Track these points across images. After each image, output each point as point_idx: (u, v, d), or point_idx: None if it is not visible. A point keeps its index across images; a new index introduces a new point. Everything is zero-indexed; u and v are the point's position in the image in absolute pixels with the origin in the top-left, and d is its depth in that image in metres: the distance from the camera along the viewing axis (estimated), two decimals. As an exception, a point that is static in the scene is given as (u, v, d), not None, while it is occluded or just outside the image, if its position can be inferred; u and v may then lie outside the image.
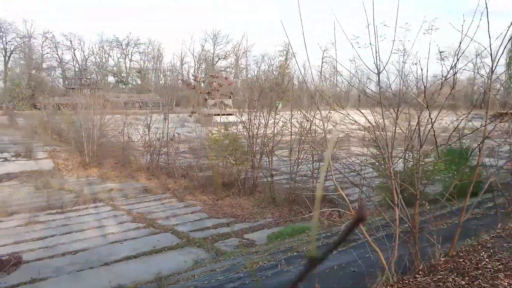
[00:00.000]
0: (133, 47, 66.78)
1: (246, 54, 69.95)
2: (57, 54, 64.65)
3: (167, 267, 9.85)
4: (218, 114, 26.78)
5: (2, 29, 55.27)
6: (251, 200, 16.37)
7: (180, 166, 21.31)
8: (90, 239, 11.88)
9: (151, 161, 22.54)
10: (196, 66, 65.94)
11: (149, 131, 22.92)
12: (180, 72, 70.88)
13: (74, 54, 67.17)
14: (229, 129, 19.88)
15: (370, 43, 4.77)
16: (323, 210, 15.32)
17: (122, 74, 66.17)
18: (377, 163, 13.52)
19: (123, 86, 66.59)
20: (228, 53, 66.89)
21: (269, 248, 9.89)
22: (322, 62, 67.20)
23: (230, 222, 13.79)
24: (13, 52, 55.87)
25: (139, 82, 68.24)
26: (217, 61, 64.57)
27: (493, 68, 5.10)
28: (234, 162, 16.93)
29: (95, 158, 23.49)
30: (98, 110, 24.98)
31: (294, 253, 8.55)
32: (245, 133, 18.17)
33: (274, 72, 70.60)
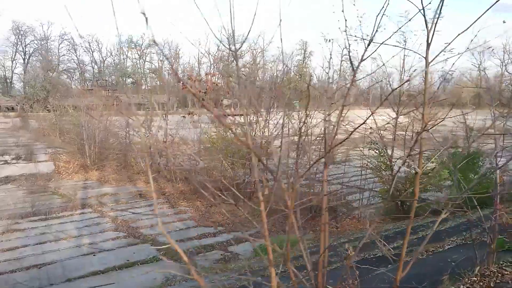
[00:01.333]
0: (147, 48, 66.64)
1: (263, 53, 68.83)
2: (76, 56, 65.51)
3: (132, 285, 8.92)
4: (230, 115, 25.81)
5: (21, 32, 56.34)
6: (247, 207, 15.25)
7: (180, 169, 20.44)
8: (63, 251, 11.10)
9: (151, 164, 21.82)
10: (213, 66, 65.30)
11: (149, 132, 22.18)
12: (198, 72, 70.60)
13: (93, 56, 67.94)
14: (237, 130, 18.86)
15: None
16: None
17: (138, 75, 66.33)
18: (377, 167, 12.22)
19: (144, 87, 66.86)
20: (243, 52, 65.86)
21: (242, 267, 8.80)
22: (342, 61, 65.43)
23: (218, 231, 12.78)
24: (32, 54, 56.88)
25: (158, 83, 68.42)
26: (232, 61, 63.71)
27: None
28: (230, 165, 15.88)
29: (97, 161, 22.95)
30: (101, 111, 24.50)
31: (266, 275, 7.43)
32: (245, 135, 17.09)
33: (292, 72, 69.59)
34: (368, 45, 2.90)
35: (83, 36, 61.68)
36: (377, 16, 2.84)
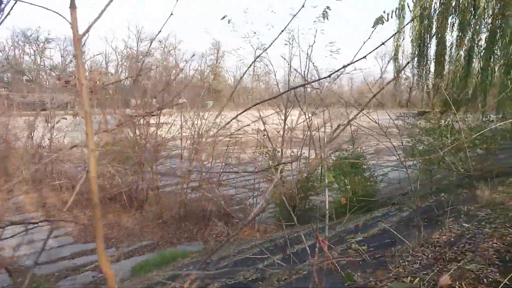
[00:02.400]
0: (43, 43, 60.42)
1: (174, 51, 66.53)
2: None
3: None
4: (138, 116, 23.89)
5: None
6: (137, 217, 13.94)
7: (68, 176, 18.27)
8: None
9: (35, 171, 19.22)
10: (120, 64, 61.48)
11: (32, 135, 19.55)
12: (106, 69, 65.90)
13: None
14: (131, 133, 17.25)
15: None
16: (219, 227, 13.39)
17: (35, 72, 59.94)
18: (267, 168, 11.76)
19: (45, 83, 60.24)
20: (151, 50, 63.00)
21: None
22: (254, 61, 65.82)
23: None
24: None
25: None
26: (141, 59, 60.47)
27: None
28: (118, 171, 14.39)
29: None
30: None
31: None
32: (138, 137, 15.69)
33: (205, 72, 68.47)
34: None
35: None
36: None
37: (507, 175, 7.03)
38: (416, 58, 9.60)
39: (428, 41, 9.42)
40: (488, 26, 7.89)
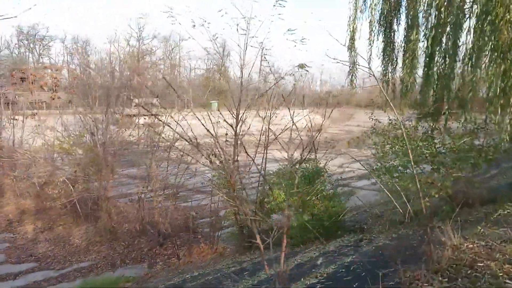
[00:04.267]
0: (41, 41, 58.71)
1: (178, 49, 65.29)
2: None
3: None
4: (134, 115, 22.41)
5: None
6: (89, 231, 12.42)
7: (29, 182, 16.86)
8: None
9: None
10: (123, 62, 60.26)
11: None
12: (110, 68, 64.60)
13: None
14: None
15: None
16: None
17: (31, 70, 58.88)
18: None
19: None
20: (154, 48, 61.83)
21: None
22: (262, 60, 64.01)
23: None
24: None
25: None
26: (142, 57, 59.24)
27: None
28: (66, 179, 12.92)
29: None
30: None
31: None
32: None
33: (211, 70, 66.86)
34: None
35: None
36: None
37: (493, 201, 5.27)
38: (379, 47, 7.67)
39: (396, 23, 7.43)
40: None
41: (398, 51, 7.59)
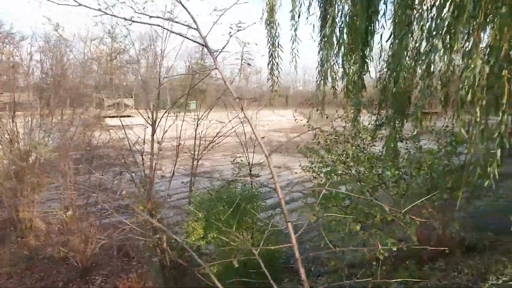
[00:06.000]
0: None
1: (154, 47, 62.77)
2: None
3: None
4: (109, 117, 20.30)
5: None
6: (3, 258, 10.38)
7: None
8: None
9: None
10: (95, 61, 57.69)
11: None
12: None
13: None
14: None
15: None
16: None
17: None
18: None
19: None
20: (127, 46, 59.24)
21: None
22: (242, 59, 61.95)
23: None
24: None
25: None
26: (115, 57, 56.56)
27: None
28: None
29: None
30: None
31: None
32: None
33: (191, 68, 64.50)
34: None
35: None
36: None
37: (480, 250, 3.59)
38: (314, 24, 5.54)
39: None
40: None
41: (342, 30, 5.27)
